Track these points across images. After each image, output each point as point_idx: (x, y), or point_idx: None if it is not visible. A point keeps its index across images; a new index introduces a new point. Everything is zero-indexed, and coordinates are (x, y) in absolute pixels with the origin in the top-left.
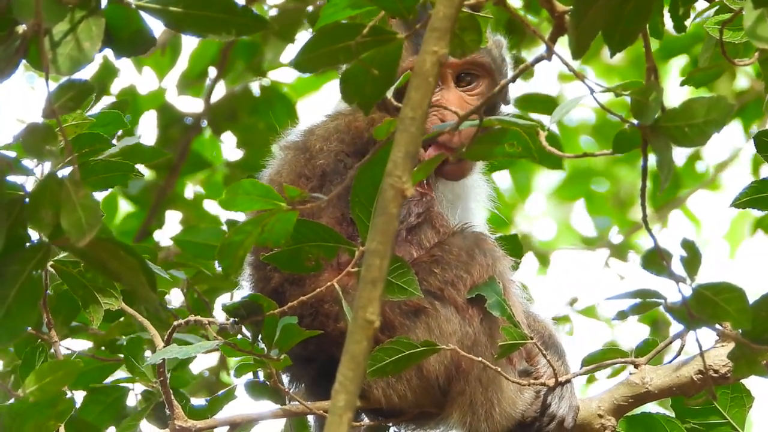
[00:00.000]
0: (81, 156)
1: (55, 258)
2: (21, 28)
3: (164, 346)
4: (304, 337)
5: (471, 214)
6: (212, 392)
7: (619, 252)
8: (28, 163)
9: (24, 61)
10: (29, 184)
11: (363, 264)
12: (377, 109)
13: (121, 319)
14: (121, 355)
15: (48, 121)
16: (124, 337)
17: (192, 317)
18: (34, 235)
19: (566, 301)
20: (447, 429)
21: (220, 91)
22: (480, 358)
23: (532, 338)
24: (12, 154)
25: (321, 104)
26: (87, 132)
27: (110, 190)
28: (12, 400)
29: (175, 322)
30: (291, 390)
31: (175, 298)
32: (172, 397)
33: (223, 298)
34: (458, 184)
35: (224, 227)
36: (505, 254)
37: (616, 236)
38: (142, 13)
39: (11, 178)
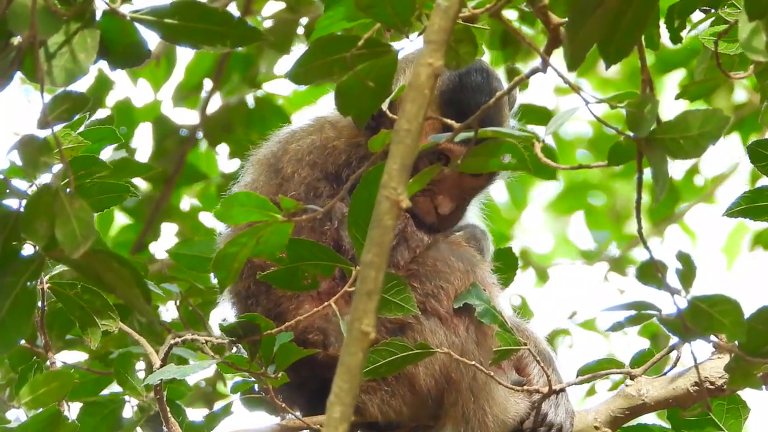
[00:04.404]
0: (77, 178)
1: (52, 280)
2: (16, 40)
3: (161, 365)
4: (302, 356)
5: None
6: (209, 403)
7: (619, 266)
8: (20, 183)
9: (20, 74)
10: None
11: (358, 277)
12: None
13: (115, 331)
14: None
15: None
16: (118, 350)
17: (189, 335)
18: (28, 248)
19: (566, 315)
20: None
21: (215, 103)
22: (473, 362)
23: (525, 344)
24: (3, 174)
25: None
26: (82, 155)
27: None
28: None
29: (172, 341)
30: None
31: (170, 311)
32: (169, 414)
33: (218, 312)
34: None
35: None
36: (483, 258)
37: (614, 250)
38: (137, 25)
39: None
